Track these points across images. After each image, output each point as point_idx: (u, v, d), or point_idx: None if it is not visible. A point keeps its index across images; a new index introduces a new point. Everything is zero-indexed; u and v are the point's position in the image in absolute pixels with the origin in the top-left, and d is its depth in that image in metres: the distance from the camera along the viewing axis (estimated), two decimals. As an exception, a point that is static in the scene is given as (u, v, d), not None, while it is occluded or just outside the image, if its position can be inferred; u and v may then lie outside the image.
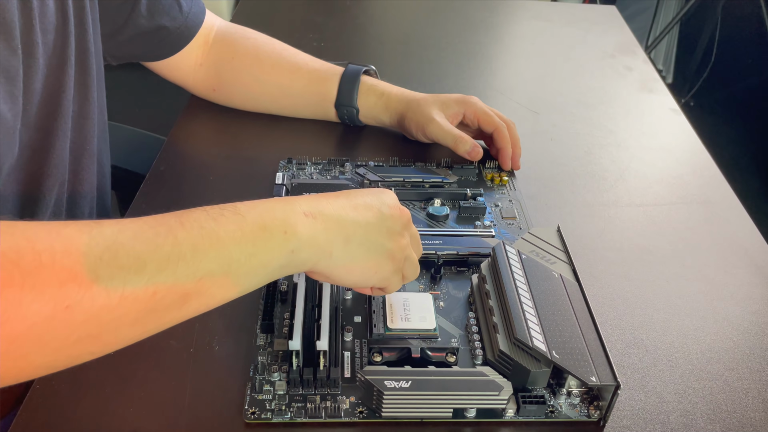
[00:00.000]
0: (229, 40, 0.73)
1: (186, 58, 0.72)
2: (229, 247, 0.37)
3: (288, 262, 0.39)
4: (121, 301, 0.33)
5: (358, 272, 0.43)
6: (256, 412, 0.43)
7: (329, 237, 0.41)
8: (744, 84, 2.00)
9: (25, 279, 0.30)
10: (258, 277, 0.39)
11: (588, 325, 0.47)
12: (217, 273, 0.36)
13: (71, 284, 0.31)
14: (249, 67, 0.73)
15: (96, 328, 0.33)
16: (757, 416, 0.46)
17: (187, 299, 0.36)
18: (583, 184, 0.70)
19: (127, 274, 0.33)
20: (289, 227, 0.39)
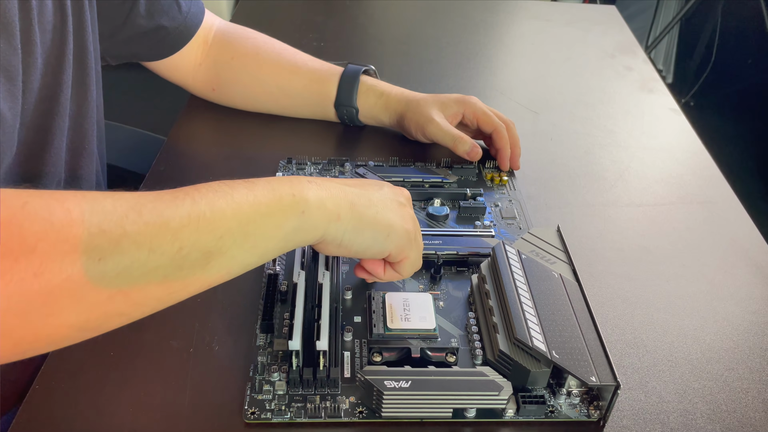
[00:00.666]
0: (228, 40, 0.73)
1: (185, 57, 0.72)
2: (243, 207, 0.38)
3: (300, 224, 0.41)
4: (150, 255, 0.34)
5: (369, 233, 0.44)
6: (256, 412, 0.43)
7: (335, 201, 0.43)
8: (744, 84, 2.00)
9: (57, 236, 0.31)
10: (274, 241, 0.40)
11: (588, 325, 0.47)
12: (236, 232, 0.38)
13: (101, 238, 0.32)
14: (248, 67, 0.73)
15: (126, 283, 0.34)
16: (757, 416, 0.46)
17: (210, 258, 0.37)
18: (583, 184, 0.70)
19: (153, 229, 0.34)
20: (296, 191, 0.41)
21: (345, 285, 0.53)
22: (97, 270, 0.32)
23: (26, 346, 0.33)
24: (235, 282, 0.54)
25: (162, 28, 0.67)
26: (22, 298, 0.31)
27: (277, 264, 0.55)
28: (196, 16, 0.71)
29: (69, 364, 0.46)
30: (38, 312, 0.31)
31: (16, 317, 0.31)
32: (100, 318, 0.34)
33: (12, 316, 0.31)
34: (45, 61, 0.50)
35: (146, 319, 0.50)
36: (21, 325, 0.31)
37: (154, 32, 0.66)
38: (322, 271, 0.50)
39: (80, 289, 0.32)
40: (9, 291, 0.30)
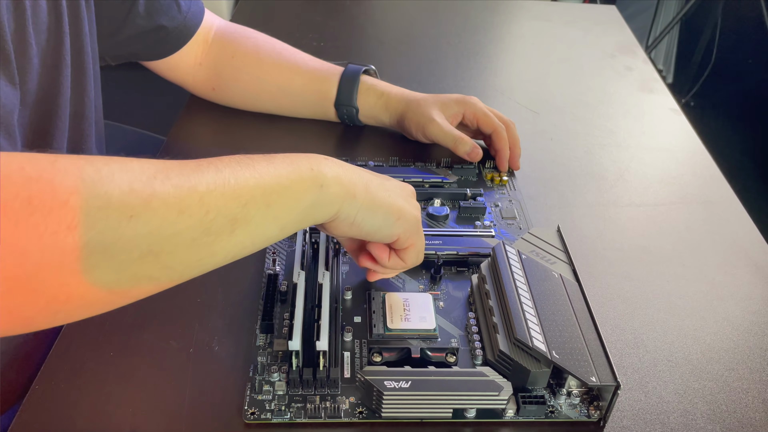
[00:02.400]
0: (228, 39, 0.73)
1: (185, 57, 0.72)
2: (265, 177, 0.39)
3: (318, 198, 0.41)
4: (179, 217, 0.34)
5: (381, 214, 0.45)
6: (256, 413, 0.43)
7: (351, 179, 0.43)
8: (744, 84, 2.00)
9: (89, 191, 0.31)
10: (294, 213, 0.41)
11: (588, 325, 0.47)
12: (259, 200, 0.38)
13: (132, 196, 0.32)
14: (248, 66, 0.72)
15: (156, 243, 0.34)
16: (757, 416, 0.46)
17: (236, 225, 0.37)
18: (583, 184, 0.70)
19: (181, 191, 0.34)
20: (314, 165, 0.42)
21: (345, 285, 0.53)
22: (128, 228, 0.32)
23: (58, 306, 0.32)
24: (235, 282, 0.54)
25: (162, 27, 0.67)
26: (56, 251, 0.30)
27: (277, 264, 0.55)
28: (196, 15, 0.70)
29: (69, 364, 0.46)
30: (71, 267, 0.31)
31: (50, 272, 0.30)
32: (130, 279, 0.34)
33: (46, 270, 0.30)
34: (41, 63, 0.50)
35: (146, 319, 0.50)
36: (55, 282, 0.31)
37: (153, 32, 0.66)
38: (322, 272, 0.50)
39: (112, 246, 0.32)
40: (43, 244, 0.30)
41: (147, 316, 0.50)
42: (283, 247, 0.57)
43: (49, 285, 0.31)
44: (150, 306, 0.51)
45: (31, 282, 0.30)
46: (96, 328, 0.49)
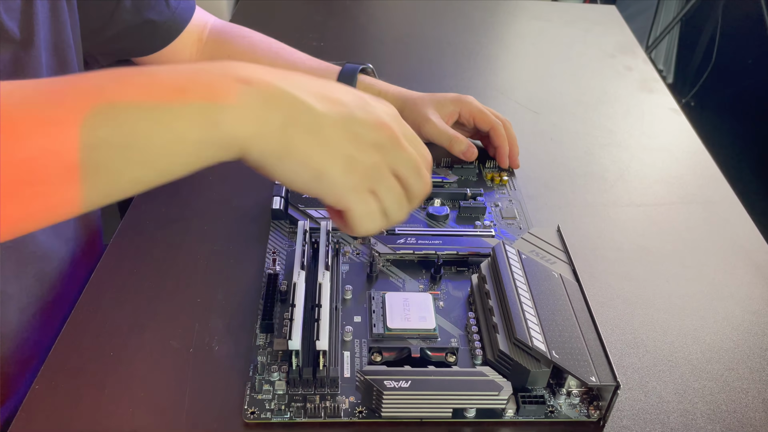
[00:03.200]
0: (224, 38, 0.72)
1: (178, 54, 0.70)
2: (128, 109, 0.30)
3: (209, 137, 0.32)
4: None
5: (291, 167, 0.35)
6: (256, 412, 0.43)
7: (264, 114, 0.33)
8: (745, 84, 2.00)
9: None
10: (174, 156, 0.32)
11: (588, 325, 0.47)
12: (114, 143, 0.30)
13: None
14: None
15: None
16: (757, 416, 0.46)
17: (74, 173, 0.29)
18: (583, 184, 0.70)
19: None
20: (214, 93, 0.32)
21: (345, 285, 0.53)
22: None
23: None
24: (235, 282, 0.54)
25: (150, 22, 0.65)
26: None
27: (277, 264, 0.55)
28: (186, 10, 0.69)
29: (69, 364, 0.46)
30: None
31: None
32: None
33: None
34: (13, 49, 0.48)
35: (146, 319, 0.50)
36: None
37: (141, 27, 0.65)
38: (322, 271, 0.50)
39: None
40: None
41: (147, 316, 0.50)
42: (283, 246, 0.57)
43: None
44: (150, 306, 0.51)
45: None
46: (96, 328, 0.49)
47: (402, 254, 0.56)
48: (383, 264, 0.56)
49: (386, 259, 0.56)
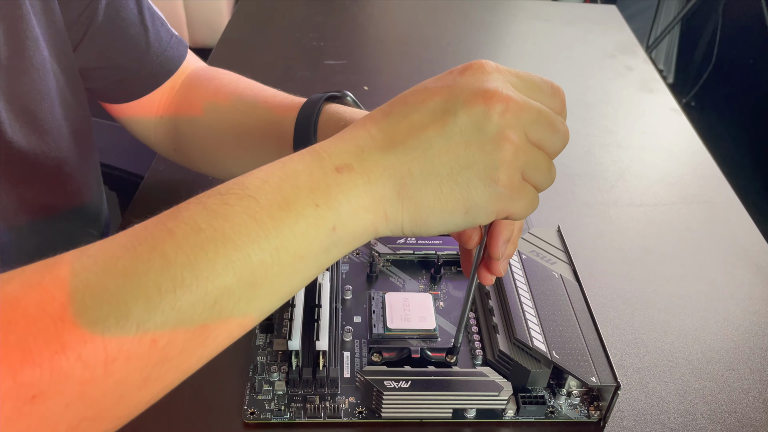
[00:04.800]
0: (192, 86, 0.60)
1: (144, 107, 0.59)
2: (243, 248, 0.27)
3: (333, 243, 0.30)
4: (107, 367, 0.25)
5: (436, 220, 0.31)
6: (256, 413, 0.43)
7: (377, 193, 0.30)
8: (745, 84, 2.00)
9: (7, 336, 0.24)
10: (300, 274, 0.30)
11: (588, 325, 0.47)
12: (236, 287, 0.27)
13: (33, 371, 0.24)
14: (204, 115, 0.57)
15: (88, 410, 0.26)
16: (758, 416, 0.46)
17: (207, 333, 0.27)
18: (583, 184, 0.70)
19: (108, 326, 0.25)
20: (321, 198, 0.29)
21: (345, 285, 0.53)
22: (32, 410, 0.25)
23: None
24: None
25: (122, 69, 0.56)
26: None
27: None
28: (169, 61, 0.58)
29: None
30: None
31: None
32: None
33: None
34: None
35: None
36: None
37: (108, 71, 0.56)
38: (322, 271, 0.50)
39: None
40: None
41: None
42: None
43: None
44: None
45: None
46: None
47: (402, 254, 0.56)
48: (383, 264, 0.56)
49: (386, 259, 0.56)
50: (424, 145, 0.30)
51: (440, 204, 0.31)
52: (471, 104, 0.30)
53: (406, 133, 0.30)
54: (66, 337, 0.24)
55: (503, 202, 0.32)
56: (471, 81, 0.31)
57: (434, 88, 0.31)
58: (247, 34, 1.00)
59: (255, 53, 0.93)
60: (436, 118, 0.30)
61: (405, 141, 0.30)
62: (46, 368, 0.24)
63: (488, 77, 0.31)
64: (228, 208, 0.28)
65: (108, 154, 0.86)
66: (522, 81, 0.32)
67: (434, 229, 0.32)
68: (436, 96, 0.31)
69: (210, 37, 1.65)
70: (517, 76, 0.33)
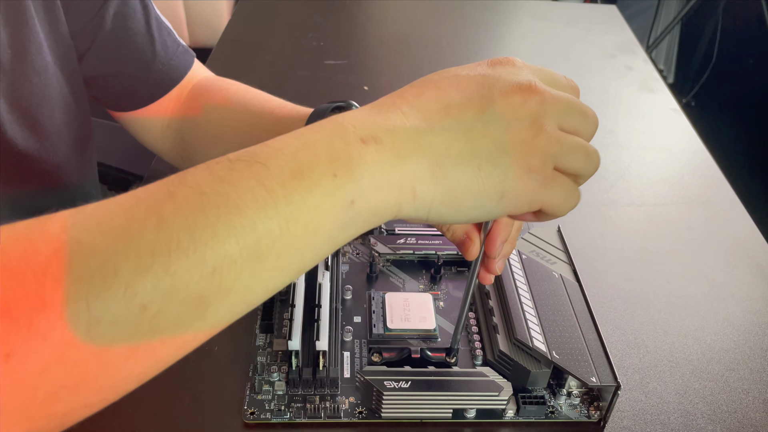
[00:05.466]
0: (199, 95, 0.60)
1: (153, 115, 0.60)
2: (248, 214, 0.25)
3: (350, 218, 0.28)
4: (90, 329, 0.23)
5: (470, 204, 0.30)
6: (255, 413, 0.43)
7: (407, 169, 0.28)
8: (745, 84, 2.00)
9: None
10: (311, 250, 0.28)
11: (588, 325, 0.47)
12: (239, 256, 0.25)
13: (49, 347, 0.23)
14: (211, 125, 0.58)
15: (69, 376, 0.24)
16: (758, 417, 0.46)
17: (205, 305, 0.25)
18: (584, 184, 0.70)
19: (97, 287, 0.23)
20: (340, 167, 0.27)
21: (345, 285, 0.53)
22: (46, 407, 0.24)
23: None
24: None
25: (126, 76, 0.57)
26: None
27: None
28: (175, 70, 0.59)
29: (68, 364, 0.46)
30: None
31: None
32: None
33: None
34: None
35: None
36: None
37: (115, 79, 0.57)
38: (322, 271, 0.50)
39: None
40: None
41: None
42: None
43: None
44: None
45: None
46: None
47: (402, 254, 0.56)
48: (383, 264, 0.56)
49: (386, 259, 0.56)
50: (464, 126, 0.29)
51: (477, 186, 0.29)
52: (509, 94, 0.30)
53: (445, 114, 0.29)
54: (47, 293, 0.23)
55: (537, 191, 0.31)
56: (504, 73, 0.31)
57: (468, 76, 0.31)
58: (247, 34, 1.00)
59: (255, 53, 0.93)
60: (474, 103, 0.30)
61: (443, 121, 0.29)
62: (23, 324, 0.22)
63: (520, 71, 0.31)
64: (235, 173, 0.26)
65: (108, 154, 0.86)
66: (546, 76, 0.33)
67: (466, 213, 0.31)
68: (472, 84, 0.30)
69: (210, 37, 1.65)
70: (541, 71, 0.33)
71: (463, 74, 0.31)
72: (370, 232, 0.58)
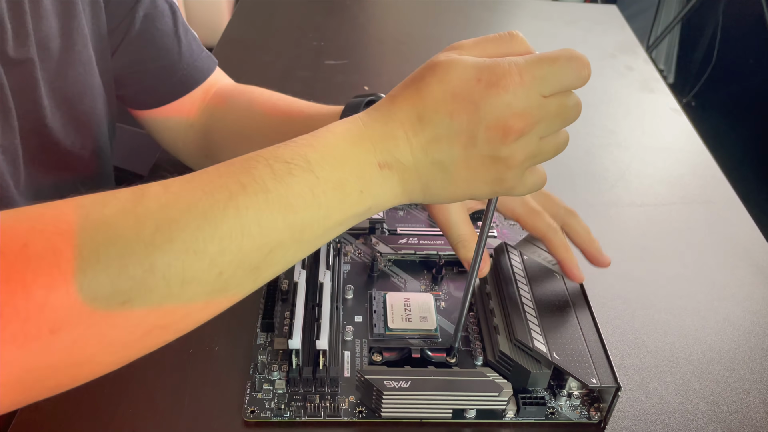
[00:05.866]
0: (224, 97, 0.64)
1: (178, 112, 0.62)
2: (300, 213, 0.33)
3: (363, 214, 0.37)
4: (184, 287, 0.30)
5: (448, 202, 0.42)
6: (256, 411, 0.43)
7: (406, 187, 0.37)
8: (745, 84, 2.00)
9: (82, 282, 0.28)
10: (332, 234, 0.36)
11: (589, 326, 0.47)
12: (289, 242, 0.33)
13: (124, 278, 0.29)
14: (240, 122, 0.62)
15: (161, 319, 0.31)
16: (758, 417, 0.46)
17: (258, 272, 0.33)
18: (583, 184, 0.70)
19: (187, 257, 0.30)
20: (365, 185, 0.35)
21: (346, 284, 0.53)
22: (120, 314, 0.29)
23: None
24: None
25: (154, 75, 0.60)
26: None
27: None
28: (198, 72, 0.62)
29: (69, 363, 0.46)
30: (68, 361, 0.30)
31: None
32: (141, 351, 0.33)
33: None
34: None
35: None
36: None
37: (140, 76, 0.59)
38: (323, 270, 0.50)
39: (108, 338, 0.30)
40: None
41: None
42: (283, 246, 0.57)
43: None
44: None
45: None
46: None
47: (403, 254, 0.56)
48: (384, 264, 0.56)
49: (387, 259, 0.56)
50: (448, 160, 0.36)
51: (455, 198, 0.38)
52: (491, 132, 0.35)
53: (436, 146, 0.36)
54: (153, 258, 0.29)
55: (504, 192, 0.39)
56: (495, 104, 0.35)
57: (461, 104, 0.35)
58: (247, 34, 1.00)
59: (255, 53, 0.93)
60: (460, 137, 0.36)
61: (433, 153, 0.36)
62: (137, 281, 0.29)
63: (513, 98, 0.35)
64: (292, 178, 0.33)
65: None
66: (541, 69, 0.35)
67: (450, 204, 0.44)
68: (463, 114, 0.35)
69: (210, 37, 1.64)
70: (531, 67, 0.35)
71: (460, 96, 0.35)
72: (371, 232, 0.58)
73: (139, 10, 0.56)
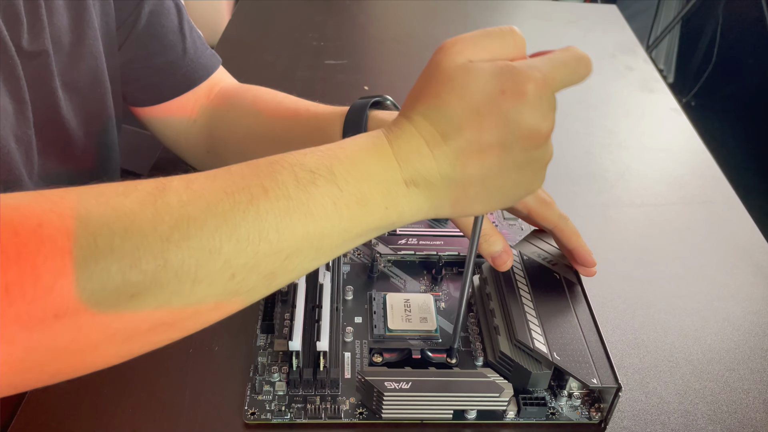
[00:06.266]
0: (229, 95, 0.64)
1: (180, 108, 0.63)
2: (320, 222, 0.32)
3: (386, 227, 0.36)
4: (194, 287, 0.30)
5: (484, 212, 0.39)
6: (256, 413, 0.43)
7: (433, 203, 0.36)
8: (745, 84, 2.00)
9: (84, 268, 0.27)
10: (351, 245, 0.36)
11: (589, 326, 0.47)
12: (307, 250, 0.33)
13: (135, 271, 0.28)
14: (244, 119, 0.61)
15: (168, 316, 0.31)
16: (758, 417, 0.46)
17: (273, 278, 0.33)
18: (583, 184, 0.70)
19: (200, 256, 0.29)
20: (390, 202, 0.35)
21: (346, 285, 0.53)
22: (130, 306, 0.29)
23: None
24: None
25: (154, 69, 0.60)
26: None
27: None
28: (201, 69, 0.62)
29: (69, 364, 0.46)
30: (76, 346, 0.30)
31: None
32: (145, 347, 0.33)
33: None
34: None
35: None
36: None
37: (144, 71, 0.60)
38: (323, 272, 0.50)
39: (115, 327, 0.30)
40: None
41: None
42: (283, 247, 0.57)
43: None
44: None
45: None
46: (96, 329, 0.49)
47: (403, 255, 0.56)
48: (384, 265, 0.56)
49: (387, 259, 0.56)
50: (482, 173, 0.35)
51: (487, 209, 0.38)
52: (525, 140, 0.35)
53: (465, 161, 0.35)
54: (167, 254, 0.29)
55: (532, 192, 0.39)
56: (524, 113, 0.35)
57: (489, 118, 0.34)
58: (247, 34, 1.00)
59: (255, 53, 0.93)
60: (492, 150, 0.35)
61: (464, 168, 0.35)
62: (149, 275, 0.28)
63: (539, 102, 0.36)
64: (315, 188, 0.32)
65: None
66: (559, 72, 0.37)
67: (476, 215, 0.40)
68: (493, 128, 0.34)
69: (210, 37, 1.64)
70: (551, 71, 0.37)
71: (484, 111, 0.34)
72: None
73: (145, 7, 0.57)
